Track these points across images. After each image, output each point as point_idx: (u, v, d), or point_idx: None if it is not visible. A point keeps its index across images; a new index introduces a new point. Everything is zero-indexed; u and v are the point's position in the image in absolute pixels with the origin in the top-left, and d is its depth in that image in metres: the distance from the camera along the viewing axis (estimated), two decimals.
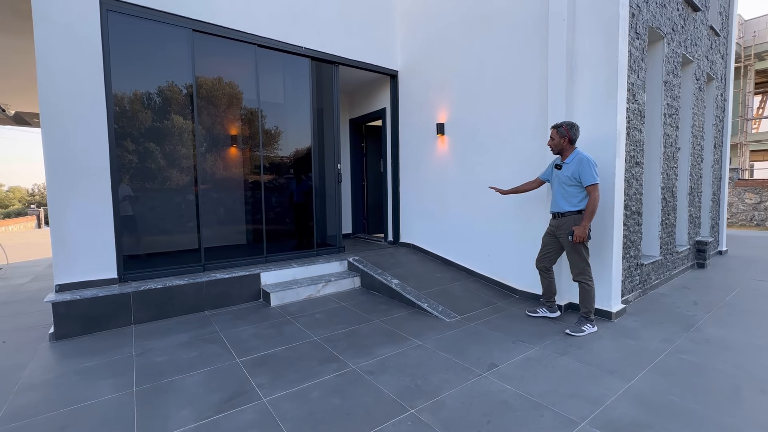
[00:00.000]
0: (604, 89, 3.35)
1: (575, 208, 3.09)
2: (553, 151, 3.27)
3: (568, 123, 3.13)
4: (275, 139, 4.82)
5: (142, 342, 3.13)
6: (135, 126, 3.84)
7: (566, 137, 3.12)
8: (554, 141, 3.19)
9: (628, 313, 3.59)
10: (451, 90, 4.86)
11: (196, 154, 4.16)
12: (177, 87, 4.06)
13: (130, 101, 3.80)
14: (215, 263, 4.33)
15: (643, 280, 4.08)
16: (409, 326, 3.39)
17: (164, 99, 3.99)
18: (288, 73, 4.95)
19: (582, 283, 3.15)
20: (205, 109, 4.25)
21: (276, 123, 4.82)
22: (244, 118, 4.55)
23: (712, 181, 5.96)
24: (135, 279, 3.83)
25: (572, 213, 3.11)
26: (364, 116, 6.73)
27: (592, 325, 3.15)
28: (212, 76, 4.29)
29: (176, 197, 4.13)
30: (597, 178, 2.99)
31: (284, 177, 4.91)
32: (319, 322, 3.56)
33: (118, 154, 3.70)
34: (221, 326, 3.46)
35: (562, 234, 3.18)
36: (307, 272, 4.63)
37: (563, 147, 3.17)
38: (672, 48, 4.44)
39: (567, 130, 3.11)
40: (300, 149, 5.03)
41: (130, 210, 3.90)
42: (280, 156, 4.87)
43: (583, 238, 2.99)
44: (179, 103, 4.08)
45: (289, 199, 4.97)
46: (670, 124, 4.51)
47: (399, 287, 4.17)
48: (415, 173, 5.57)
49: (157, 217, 4.07)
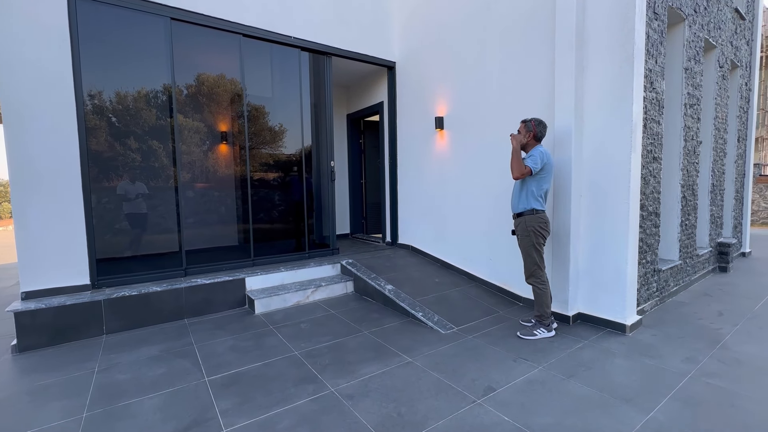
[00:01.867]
0: (619, 76, 2.99)
1: (529, 207, 3.00)
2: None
3: (536, 120, 3.05)
4: (264, 135, 4.54)
5: (108, 355, 2.88)
6: (109, 122, 3.59)
7: (532, 132, 3.03)
8: (520, 135, 3.07)
9: (645, 325, 3.23)
10: (451, 81, 4.52)
11: (175, 152, 3.90)
12: (155, 80, 3.79)
13: (102, 96, 3.55)
14: (197, 267, 4.07)
15: (660, 287, 3.71)
16: (400, 339, 3.09)
17: (141, 93, 3.73)
18: (277, 65, 4.66)
19: (534, 286, 3.09)
20: (186, 104, 3.98)
21: (264, 118, 4.54)
22: (229, 113, 4.27)
23: (735, 177, 5.52)
24: (109, 285, 3.60)
25: (526, 212, 3.02)
26: (362, 111, 6.42)
27: (546, 330, 3.05)
28: (193, 69, 4.02)
29: (156, 197, 3.88)
30: (534, 168, 2.90)
31: (274, 175, 4.63)
32: (304, 332, 3.28)
33: (95, 151, 3.46)
34: (198, 337, 3.20)
35: (518, 234, 3.11)
36: (296, 276, 4.36)
37: (527, 142, 3.06)
38: (693, 31, 4.03)
39: (534, 126, 3.02)
40: (291, 146, 4.74)
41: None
42: (270, 153, 4.59)
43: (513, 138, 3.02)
44: (157, 98, 3.82)
45: (278, 198, 4.69)
46: (691, 115, 4.11)
47: (393, 294, 3.87)
48: (414, 170, 5.25)
49: (141, 218, 3.82)
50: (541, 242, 3.02)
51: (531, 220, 3.00)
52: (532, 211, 3.00)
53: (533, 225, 2.99)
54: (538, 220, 2.99)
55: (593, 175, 3.18)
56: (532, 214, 3.00)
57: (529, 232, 3.01)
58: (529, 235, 3.01)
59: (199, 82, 4.06)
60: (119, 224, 3.71)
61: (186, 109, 3.99)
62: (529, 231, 3.01)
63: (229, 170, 4.32)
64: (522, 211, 3.04)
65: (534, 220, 2.99)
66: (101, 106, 3.54)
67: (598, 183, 3.15)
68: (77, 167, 3.39)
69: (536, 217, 2.99)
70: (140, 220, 3.82)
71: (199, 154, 4.10)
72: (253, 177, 4.42)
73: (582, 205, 3.27)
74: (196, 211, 4.12)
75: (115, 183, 3.65)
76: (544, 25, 3.44)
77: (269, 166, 4.59)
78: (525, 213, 3.02)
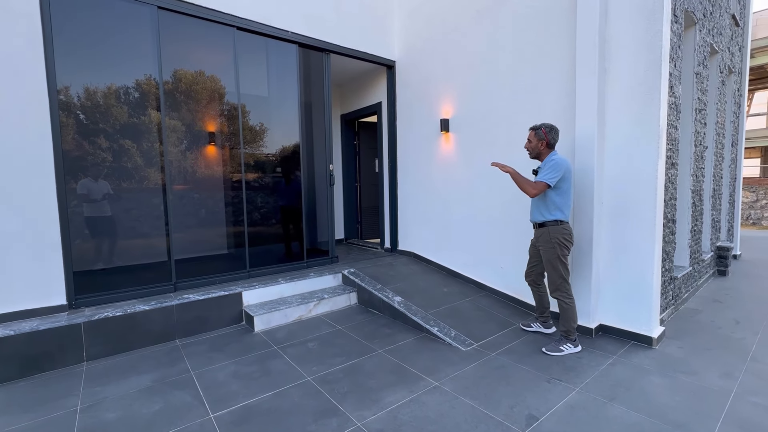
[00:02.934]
0: (645, 80, 2.88)
1: (552, 218, 2.84)
2: (530, 155, 3.00)
3: (547, 125, 2.88)
4: (259, 136, 4.22)
5: (92, 388, 2.52)
6: (88, 119, 3.20)
7: (544, 140, 2.88)
8: (531, 144, 2.93)
9: (668, 336, 3.14)
10: (457, 82, 4.34)
11: (163, 153, 3.54)
12: (141, 74, 3.42)
13: (82, 91, 3.15)
14: (188, 281, 3.72)
15: (675, 295, 3.65)
16: (419, 358, 2.86)
17: (125, 89, 3.35)
18: (273, 61, 4.34)
19: (560, 300, 2.91)
20: (174, 102, 3.63)
21: (259, 119, 4.22)
22: (221, 112, 3.93)
23: (729, 181, 5.61)
24: (89, 304, 3.21)
25: (549, 223, 2.86)
26: (357, 111, 6.16)
27: (573, 345, 2.91)
28: (183, 63, 3.66)
29: (142, 202, 3.51)
30: (551, 181, 2.74)
31: (269, 179, 4.32)
32: (313, 353, 3.01)
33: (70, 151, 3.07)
34: (194, 362, 2.87)
35: (540, 246, 2.95)
36: (296, 288, 4.06)
37: (540, 151, 2.92)
38: (702, 36, 4.01)
39: (545, 133, 2.87)
40: (287, 148, 4.44)
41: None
42: (265, 155, 4.28)
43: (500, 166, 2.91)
44: (143, 94, 3.44)
45: (274, 203, 4.38)
46: (700, 120, 4.09)
47: (403, 306, 3.64)
48: (416, 174, 5.04)
49: (119, 224, 3.44)
50: (566, 253, 2.87)
51: (555, 231, 2.84)
52: (556, 222, 2.84)
53: (557, 236, 2.84)
54: (563, 231, 2.84)
55: (616, 182, 3.06)
56: (556, 224, 2.84)
57: (553, 243, 2.85)
58: (554, 246, 2.85)
59: (187, 78, 3.70)
60: (100, 233, 3.32)
61: (174, 106, 3.63)
62: (554, 243, 2.84)
63: (222, 174, 3.98)
64: (544, 221, 2.88)
65: (558, 231, 2.84)
66: (76, 102, 3.15)
67: (622, 190, 3.03)
68: (51, 169, 3.00)
69: (560, 228, 2.84)
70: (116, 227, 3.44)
71: (188, 157, 3.75)
72: (247, 180, 4.09)
73: (603, 212, 3.15)
74: (185, 216, 3.76)
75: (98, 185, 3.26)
76: (562, 23, 3.31)
77: (264, 169, 4.27)
78: (548, 224, 2.86)
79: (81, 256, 3.22)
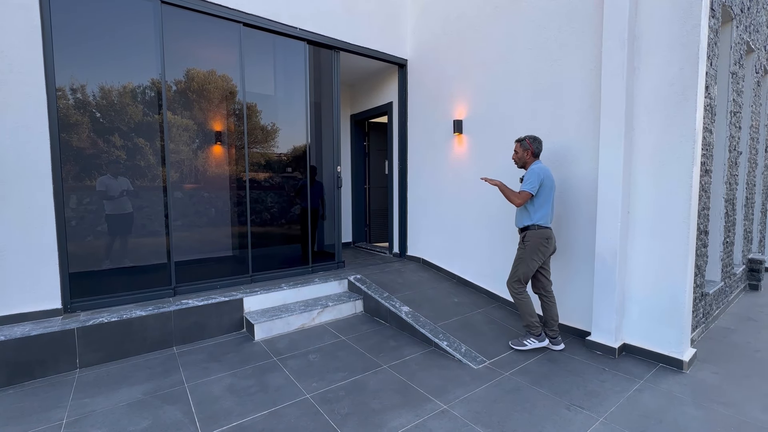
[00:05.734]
0: (679, 78, 2.63)
1: (531, 222, 2.96)
2: (516, 164, 3.15)
3: (531, 137, 3.07)
4: (264, 136, 4.08)
5: (81, 400, 2.40)
6: (89, 118, 3.09)
7: (529, 150, 3.05)
8: (518, 155, 3.11)
9: (700, 359, 2.88)
10: (472, 81, 4.13)
11: (165, 152, 3.42)
12: (143, 71, 3.31)
13: (79, 88, 3.05)
14: (188, 285, 3.59)
15: (705, 312, 3.37)
16: (427, 377, 2.67)
17: (127, 85, 3.24)
18: (280, 59, 4.20)
19: (512, 294, 3.05)
20: (177, 99, 3.51)
21: (265, 118, 4.08)
22: (226, 111, 3.80)
23: (762, 189, 5.26)
24: (86, 308, 3.10)
25: (531, 227, 2.97)
26: (368, 112, 5.99)
27: (537, 340, 3.02)
28: (187, 60, 3.54)
29: (141, 201, 3.39)
30: (533, 189, 2.87)
31: (275, 180, 4.17)
32: (314, 366, 2.84)
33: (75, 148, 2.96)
34: (189, 373, 2.73)
35: (520, 246, 3.05)
36: (299, 295, 3.90)
37: (526, 160, 3.08)
38: (739, 33, 3.72)
39: (530, 144, 3.04)
40: (294, 148, 4.29)
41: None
42: (271, 155, 4.13)
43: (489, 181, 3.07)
44: (144, 91, 3.33)
45: (280, 205, 4.23)
46: (735, 124, 3.79)
47: (410, 317, 3.45)
48: (427, 177, 4.84)
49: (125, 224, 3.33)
50: (537, 259, 2.94)
51: (534, 235, 2.95)
52: (536, 227, 2.95)
53: (533, 240, 2.94)
54: (540, 236, 2.94)
55: (645, 190, 2.82)
56: (536, 229, 2.95)
57: (526, 246, 2.97)
58: (526, 249, 2.97)
59: (191, 76, 3.58)
60: (99, 234, 3.21)
61: (176, 104, 3.51)
62: (527, 246, 2.97)
63: (225, 175, 3.84)
64: (526, 226, 2.99)
65: (537, 235, 2.94)
66: (79, 99, 3.05)
67: (652, 199, 2.79)
68: (48, 169, 2.90)
69: (540, 232, 2.94)
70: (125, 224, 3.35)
71: (191, 157, 3.62)
72: (252, 180, 3.95)
73: (629, 223, 2.91)
74: (187, 217, 3.64)
75: (90, 184, 3.16)
76: (587, 18, 3.08)
77: (268, 169, 4.13)
78: (530, 228, 2.97)
79: (79, 257, 3.11)
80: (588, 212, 3.12)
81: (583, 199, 3.16)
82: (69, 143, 3.01)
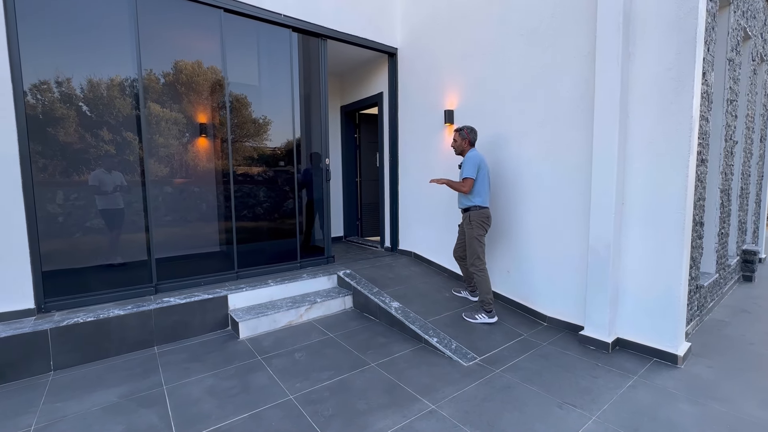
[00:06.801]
0: (675, 63, 2.53)
1: (472, 203, 3.29)
2: (455, 151, 3.46)
3: (468, 127, 3.38)
4: (248, 128, 3.94)
5: (53, 404, 2.29)
6: (58, 106, 2.94)
7: (467, 139, 3.36)
8: (456, 143, 3.41)
9: (694, 353, 2.82)
10: (463, 70, 4.00)
11: (143, 143, 3.28)
12: (117, 59, 3.15)
13: (50, 78, 2.89)
14: (171, 283, 3.48)
15: (700, 304, 3.31)
16: (415, 374, 2.58)
17: (100, 75, 3.08)
18: (264, 48, 4.04)
19: (474, 273, 3.33)
20: (155, 89, 3.35)
21: (249, 109, 3.93)
22: (207, 101, 3.65)
23: (757, 179, 5.21)
24: (61, 308, 2.98)
25: (472, 208, 3.30)
26: (358, 103, 5.84)
27: (488, 316, 3.30)
28: (164, 47, 3.38)
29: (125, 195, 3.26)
30: (472, 174, 3.19)
31: (261, 173, 4.04)
32: (299, 365, 2.74)
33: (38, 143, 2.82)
34: (169, 375, 2.62)
35: (465, 227, 3.38)
36: (287, 291, 3.80)
37: (464, 148, 3.38)
38: (736, 18, 3.62)
39: (468, 133, 3.36)
40: (280, 140, 4.15)
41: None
42: (257, 149, 4.00)
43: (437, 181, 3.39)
44: (119, 80, 3.17)
45: (266, 199, 4.10)
46: (731, 112, 3.71)
47: (400, 313, 3.36)
48: (418, 169, 4.73)
49: (95, 220, 3.20)
50: (482, 234, 3.31)
51: (475, 215, 3.29)
52: (476, 207, 3.28)
53: (477, 219, 3.29)
54: (481, 215, 3.29)
55: (640, 180, 2.73)
56: (477, 209, 3.28)
57: (473, 225, 3.29)
58: (473, 227, 3.29)
59: (170, 63, 3.42)
60: (75, 228, 3.07)
61: (154, 94, 3.36)
62: (473, 224, 3.29)
63: (208, 168, 3.71)
64: (468, 206, 3.32)
65: (477, 214, 3.29)
66: (48, 88, 2.89)
67: (647, 189, 2.70)
68: (15, 158, 2.75)
69: (480, 212, 3.29)
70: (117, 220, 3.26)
71: (170, 149, 3.48)
72: (236, 173, 3.82)
73: (624, 213, 2.82)
74: (168, 213, 3.51)
75: (66, 178, 3.01)
76: (581, 2, 2.96)
77: (254, 163, 3.99)
78: (471, 208, 3.31)
79: (59, 255, 2.98)
80: (581, 203, 3.03)
81: (576, 189, 3.07)
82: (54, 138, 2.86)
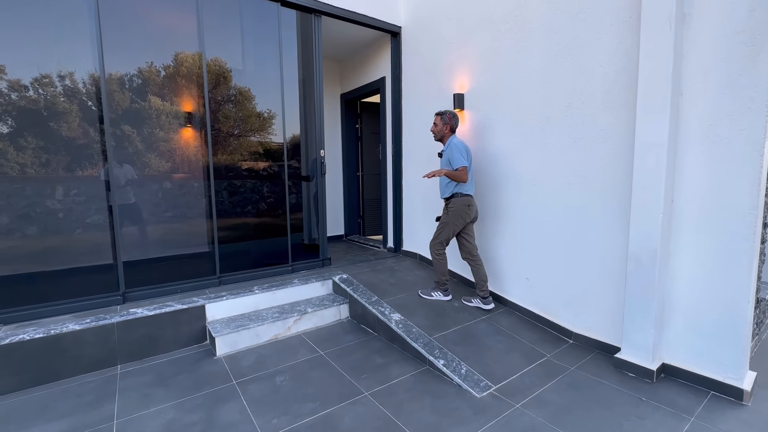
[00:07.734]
0: (748, 26, 1.99)
1: (458, 190, 3.12)
2: (435, 137, 3.29)
3: (450, 112, 3.19)
4: (231, 115, 3.50)
5: None
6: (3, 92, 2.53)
7: (448, 125, 3.19)
8: (437, 128, 3.23)
9: (760, 384, 2.30)
10: (475, 46, 3.49)
11: (105, 130, 2.86)
12: (74, 34, 2.73)
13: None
14: (142, 290, 3.07)
15: (758, 320, 2.78)
16: (417, 409, 2.12)
17: (49, 53, 2.66)
18: (249, 25, 3.58)
19: (432, 254, 3.29)
20: (121, 70, 2.92)
21: (232, 93, 3.49)
22: (183, 87, 3.21)
23: None
24: (8, 322, 2.59)
25: (456, 195, 3.14)
26: (359, 90, 5.35)
27: (443, 294, 3.35)
28: (131, 21, 2.95)
29: (79, 189, 2.85)
30: (465, 162, 3.03)
31: (247, 165, 3.60)
32: (280, 392, 2.31)
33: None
34: (125, 402, 2.21)
35: (444, 212, 3.23)
36: (275, 299, 3.37)
37: (444, 134, 3.22)
38: None
39: (450, 119, 3.18)
40: (269, 129, 3.70)
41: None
42: (241, 137, 3.55)
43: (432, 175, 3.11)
44: (74, 58, 2.75)
45: (252, 195, 3.67)
46: None
47: (401, 328, 2.90)
48: (424, 162, 4.23)
49: (51, 219, 2.80)
50: (458, 223, 3.14)
51: (458, 202, 3.12)
52: (459, 194, 3.11)
53: (458, 206, 3.12)
54: (464, 202, 3.12)
55: (695, 172, 2.21)
56: (461, 197, 3.12)
57: (451, 212, 3.14)
58: (449, 214, 3.15)
59: (140, 40, 2.99)
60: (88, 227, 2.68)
61: (117, 76, 2.93)
62: (451, 212, 3.14)
63: (187, 159, 3.28)
64: (451, 195, 3.15)
65: (461, 201, 3.12)
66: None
67: (703, 183, 2.18)
68: None
69: (463, 199, 3.12)
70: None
71: (140, 137, 3.05)
72: (216, 168, 3.39)
73: (675, 215, 2.31)
74: (138, 210, 3.09)
75: (18, 172, 2.61)
76: None
77: (240, 155, 3.55)
78: (454, 196, 3.13)
79: (12, 258, 2.59)
80: (616, 200, 2.52)
81: (610, 183, 2.56)
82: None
